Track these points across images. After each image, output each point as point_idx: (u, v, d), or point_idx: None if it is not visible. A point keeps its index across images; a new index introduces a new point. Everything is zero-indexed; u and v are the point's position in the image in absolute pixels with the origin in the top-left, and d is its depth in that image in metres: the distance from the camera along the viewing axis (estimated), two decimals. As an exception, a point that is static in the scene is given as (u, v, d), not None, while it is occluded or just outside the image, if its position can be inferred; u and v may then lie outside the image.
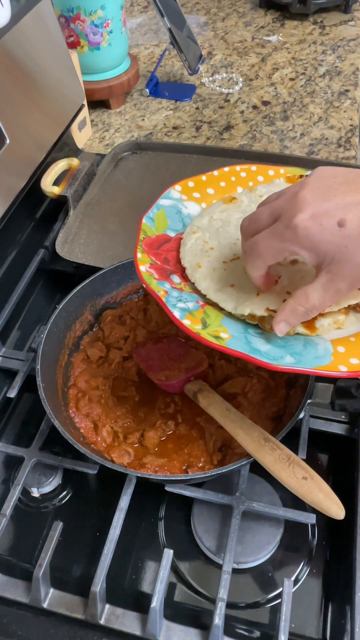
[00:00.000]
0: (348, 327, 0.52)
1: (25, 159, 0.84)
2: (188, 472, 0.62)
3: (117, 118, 1.20)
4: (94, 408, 0.67)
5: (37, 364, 0.64)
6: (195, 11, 1.56)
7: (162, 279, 0.53)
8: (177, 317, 0.49)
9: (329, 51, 1.36)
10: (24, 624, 0.56)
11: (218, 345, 0.48)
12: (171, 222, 0.59)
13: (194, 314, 0.51)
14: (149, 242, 0.56)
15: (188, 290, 0.54)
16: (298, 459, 0.55)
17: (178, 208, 0.61)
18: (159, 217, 0.59)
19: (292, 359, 0.48)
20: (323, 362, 0.47)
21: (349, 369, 0.46)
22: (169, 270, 0.55)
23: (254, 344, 0.49)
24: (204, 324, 0.50)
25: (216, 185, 0.64)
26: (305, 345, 0.50)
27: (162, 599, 0.53)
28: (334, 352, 0.49)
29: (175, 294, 0.52)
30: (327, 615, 0.57)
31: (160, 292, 0.51)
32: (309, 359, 0.48)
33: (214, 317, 0.51)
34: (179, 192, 0.62)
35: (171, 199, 0.61)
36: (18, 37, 0.79)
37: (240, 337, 0.50)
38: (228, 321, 0.52)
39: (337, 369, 0.46)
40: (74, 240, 0.87)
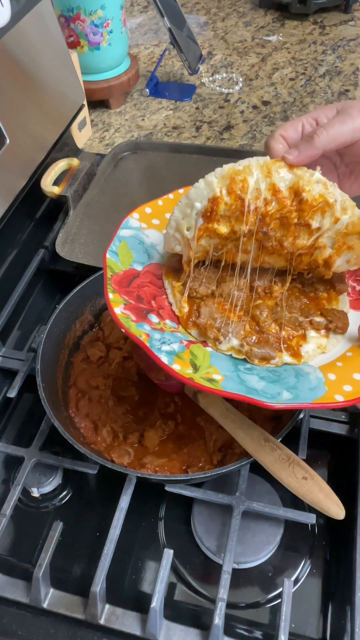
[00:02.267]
0: (330, 349, 0.53)
1: (25, 159, 0.84)
2: (188, 472, 0.62)
3: (117, 118, 1.20)
4: (94, 408, 0.67)
5: (37, 364, 0.64)
6: (195, 11, 1.56)
7: (140, 319, 0.50)
8: (166, 363, 0.47)
9: (329, 51, 1.36)
10: (24, 624, 0.56)
11: (214, 390, 0.46)
12: (136, 255, 0.57)
13: (182, 356, 0.48)
14: (117, 279, 0.53)
15: (169, 330, 0.51)
16: (298, 459, 0.55)
17: (140, 238, 0.58)
18: (122, 250, 0.56)
19: (289, 394, 0.47)
20: (319, 394, 0.47)
21: (345, 398, 0.46)
22: (144, 309, 0.52)
23: (248, 382, 0.48)
24: (194, 366, 0.48)
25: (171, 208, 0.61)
26: (297, 377, 0.49)
27: (162, 599, 0.53)
28: (326, 380, 0.48)
29: (157, 336, 0.49)
30: (327, 615, 0.57)
31: (142, 336, 0.48)
32: (304, 392, 0.47)
33: (201, 357, 0.50)
34: (138, 220, 0.59)
35: (131, 228, 0.59)
36: (18, 37, 0.79)
37: (232, 376, 0.48)
38: (216, 359, 0.50)
39: (334, 399, 0.46)
40: (74, 240, 0.87)
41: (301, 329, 0.53)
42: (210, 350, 0.51)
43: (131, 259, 0.56)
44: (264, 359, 0.51)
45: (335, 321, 0.53)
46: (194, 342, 0.52)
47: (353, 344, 0.53)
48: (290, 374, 0.50)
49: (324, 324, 0.53)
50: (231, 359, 0.51)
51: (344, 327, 0.53)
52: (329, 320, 0.53)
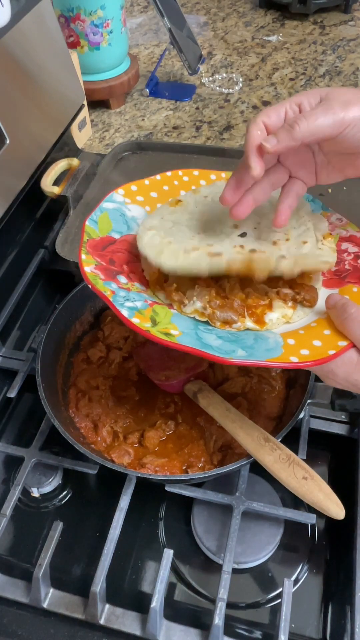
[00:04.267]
0: (296, 320, 0.53)
1: (25, 159, 0.84)
2: (188, 472, 0.62)
3: (117, 118, 1.20)
4: (94, 408, 0.67)
5: (37, 364, 0.64)
6: (195, 11, 1.56)
7: (109, 279, 0.52)
8: (126, 316, 0.49)
9: (329, 51, 1.36)
10: (24, 624, 0.56)
11: (169, 342, 0.47)
12: (115, 225, 0.59)
13: (143, 312, 0.50)
14: (93, 244, 0.55)
15: (135, 290, 0.53)
16: (298, 459, 0.55)
17: (122, 211, 0.60)
18: (102, 219, 0.58)
19: (244, 352, 0.48)
20: (274, 355, 0.47)
21: (299, 359, 0.46)
22: (114, 271, 0.54)
23: (205, 339, 0.49)
24: (154, 321, 0.50)
25: (159, 189, 0.64)
26: (255, 339, 0.50)
27: (162, 599, 0.53)
28: (284, 344, 0.49)
29: (122, 294, 0.51)
30: (327, 615, 0.57)
31: (107, 292, 0.50)
32: (260, 352, 0.48)
33: (163, 315, 0.51)
34: (122, 196, 0.61)
35: (114, 202, 0.60)
36: (18, 37, 0.79)
37: (190, 333, 0.50)
38: (177, 318, 0.51)
39: (288, 360, 0.47)
40: (74, 240, 0.87)
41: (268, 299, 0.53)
42: (174, 312, 0.52)
43: (110, 228, 0.58)
44: (225, 322, 0.51)
45: (304, 293, 0.53)
46: (160, 303, 0.53)
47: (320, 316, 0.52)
48: (250, 336, 0.51)
49: (291, 296, 0.53)
50: (193, 321, 0.52)
51: (312, 300, 0.53)
52: (297, 292, 0.53)
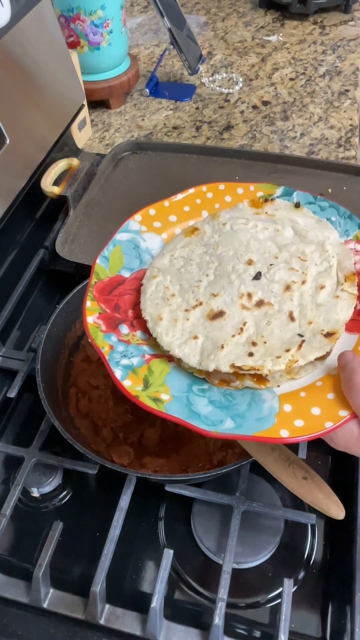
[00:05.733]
0: (302, 376, 0.48)
1: (25, 159, 0.84)
2: (188, 472, 0.62)
3: (117, 118, 1.20)
4: (94, 408, 0.67)
5: (37, 364, 0.64)
6: (195, 11, 1.56)
7: (110, 330, 0.51)
8: (118, 378, 0.47)
9: (329, 51, 1.36)
10: (24, 624, 0.56)
11: (156, 410, 0.46)
12: (127, 260, 0.57)
13: (137, 371, 0.48)
14: (100, 286, 0.54)
15: (135, 342, 0.51)
16: (298, 459, 0.55)
17: (136, 242, 0.58)
18: (114, 255, 0.56)
19: (232, 422, 0.45)
20: (264, 426, 0.44)
21: (290, 434, 0.43)
22: (118, 319, 0.52)
23: (195, 405, 0.47)
24: (146, 383, 0.48)
25: (179, 210, 0.61)
26: (249, 404, 0.47)
27: (162, 599, 0.53)
28: (279, 411, 0.46)
29: (120, 349, 0.50)
30: (327, 615, 0.57)
31: (105, 347, 0.49)
32: (250, 422, 0.45)
33: (157, 374, 0.49)
34: (139, 223, 0.59)
35: (129, 232, 0.58)
36: (18, 37, 0.79)
37: (182, 397, 0.47)
38: (173, 377, 0.49)
39: (277, 434, 0.43)
40: (74, 240, 0.87)
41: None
42: (172, 367, 0.50)
43: (121, 265, 0.56)
44: (223, 381, 0.49)
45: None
46: (159, 356, 0.51)
47: (329, 372, 0.48)
48: (245, 400, 0.47)
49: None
50: (189, 378, 0.50)
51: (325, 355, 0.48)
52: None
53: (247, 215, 0.57)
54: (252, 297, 0.51)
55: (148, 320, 0.52)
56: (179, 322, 0.51)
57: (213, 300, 0.51)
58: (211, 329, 0.50)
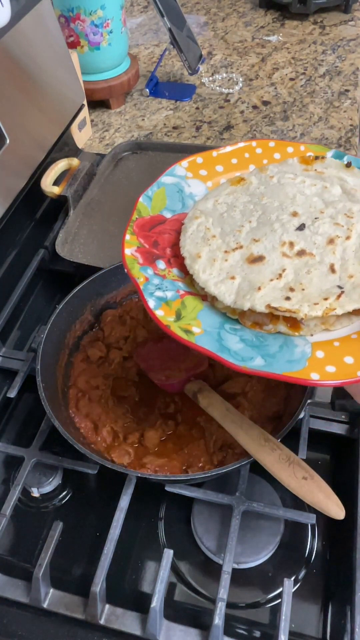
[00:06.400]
0: (337, 328, 0.48)
1: (25, 159, 0.84)
2: (188, 472, 0.62)
3: (117, 118, 1.20)
4: (94, 408, 0.67)
5: (37, 364, 0.64)
6: (195, 11, 1.56)
7: (146, 263, 0.51)
8: (151, 307, 0.47)
9: (329, 51, 1.36)
10: (24, 624, 0.56)
11: (186, 341, 0.45)
12: (170, 202, 0.56)
13: (170, 304, 0.48)
14: (141, 223, 0.54)
15: (171, 278, 0.51)
16: (298, 459, 0.55)
17: (180, 186, 0.57)
18: (157, 196, 0.56)
19: (262, 361, 0.44)
20: (295, 368, 0.43)
21: (320, 378, 0.42)
22: (155, 254, 0.52)
23: (226, 341, 0.46)
24: (178, 315, 0.47)
25: (227, 162, 0.60)
26: (281, 347, 0.46)
27: (162, 599, 0.53)
28: (311, 356, 0.45)
29: (156, 282, 0.49)
30: (327, 615, 0.57)
31: (141, 278, 0.49)
32: (280, 363, 0.44)
33: (190, 309, 0.49)
34: (185, 169, 0.58)
35: (175, 176, 0.58)
36: (18, 37, 0.79)
37: (213, 332, 0.47)
38: (206, 314, 0.49)
39: (308, 376, 0.42)
40: (74, 240, 0.87)
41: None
42: (206, 305, 0.50)
43: (163, 206, 0.56)
44: (256, 323, 0.48)
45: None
46: (194, 294, 0.51)
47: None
48: (277, 342, 0.47)
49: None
50: (222, 317, 0.49)
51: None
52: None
53: (296, 170, 0.57)
54: (294, 246, 0.50)
55: (186, 257, 0.52)
56: (217, 262, 0.51)
57: (254, 245, 0.51)
58: (249, 271, 0.49)
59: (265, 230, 0.52)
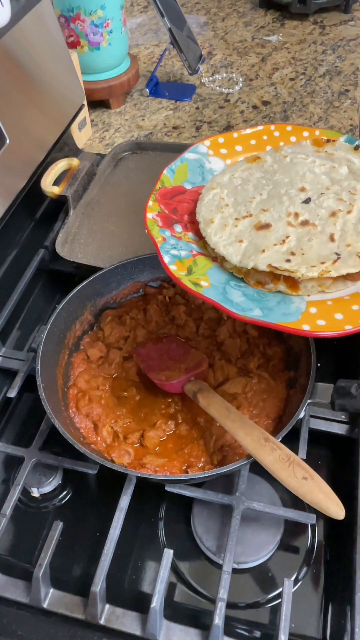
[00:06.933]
0: (333, 291, 0.52)
1: (25, 159, 0.84)
2: (188, 472, 0.62)
3: (117, 118, 1.20)
4: (94, 408, 0.67)
5: (37, 364, 0.64)
6: (195, 11, 1.56)
7: (165, 226, 0.57)
8: (166, 262, 0.53)
9: (329, 51, 1.36)
10: (24, 624, 0.56)
11: (194, 292, 0.51)
12: (191, 175, 0.62)
13: (184, 261, 0.54)
14: (163, 192, 0.60)
15: (186, 240, 0.57)
16: (298, 459, 0.55)
17: (201, 162, 0.63)
18: (180, 169, 0.62)
19: (260, 312, 0.50)
20: (289, 319, 0.49)
21: (311, 329, 0.47)
22: (174, 219, 0.58)
23: (230, 294, 0.52)
24: (189, 271, 0.53)
25: (246, 142, 0.65)
26: (279, 302, 0.51)
27: (162, 599, 0.53)
28: (305, 311, 0.50)
29: (172, 242, 0.55)
30: (327, 615, 0.57)
31: (159, 238, 0.55)
32: (276, 315, 0.49)
33: (201, 266, 0.54)
34: (207, 147, 0.64)
35: (197, 153, 0.63)
36: (18, 37, 0.79)
37: (219, 287, 0.52)
38: (214, 271, 0.54)
39: (299, 326, 0.48)
40: (74, 240, 0.87)
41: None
42: (215, 265, 0.55)
43: (185, 178, 0.62)
44: (259, 282, 0.53)
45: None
46: (205, 255, 0.56)
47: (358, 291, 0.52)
48: (276, 299, 0.52)
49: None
50: (229, 276, 0.54)
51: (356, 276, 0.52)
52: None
53: (308, 151, 0.62)
54: (299, 217, 0.55)
55: (200, 222, 0.57)
56: (227, 227, 0.56)
57: (262, 214, 0.56)
58: (256, 237, 0.54)
59: (273, 202, 0.57)
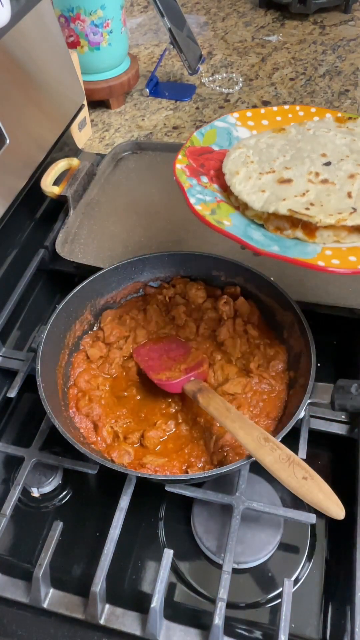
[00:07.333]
0: (347, 242, 0.55)
1: (25, 159, 0.84)
2: (188, 472, 0.62)
3: (117, 118, 1.20)
4: (94, 408, 0.67)
5: (37, 364, 0.64)
6: (195, 11, 1.56)
7: (192, 176, 0.60)
8: (192, 203, 0.56)
9: (329, 51, 1.36)
10: (24, 624, 0.56)
11: (217, 227, 0.54)
12: (219, 139, 0.66)
13: (208, 204, 0.57)
14: (192, 149, 0.63)
15: (211, 189, 0.60)
16: (298, 459, 0.55)
17: (229, 130, 0.67)
18: (209, 133, 0.66)
19: (278, 248, 0.53)
20: (305, 256, 0.52)
21: (325, 264, 0.50)
22: (201, 172, 0.62)
23: (250, 233, 0.55)
24: (213, 212, 0.56)
25: (272, 118, 0.69)
26: (296, 244, 0.55)
27: (162, 599, 0.53)
28: (320, 252, 0.53)
29: (198, 189, 0.59)
30: (327, 615, 0.57)
31: (187, 184, 0.58)
32: (293, 252, 0.53)
33: (224, 210, 0.57)
34: (235, 119, 0.68)
35: (226, 122, 0.67)
36: (18, 37, 0.79)
37: (240, 226, 0.56)
38: (236, 216, 0.57)
39: (315, 262, 0.51)
40: (74, 240, 0.87)
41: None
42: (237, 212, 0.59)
43: (213, 141, 0.66)
44: (278, 228, 0.56)
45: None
46: (228, 203, 0.59)
47: None
48: (293, 242, 0.55)
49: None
50: (250, 221, 0.58)
51: None
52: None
53: (330, 126, 0.65)
54: (319, 175, 0.58)
55: (226, 173, 0.60)
56: (252, 179, 0.59)
57: (284, 171, 0.59)
58: (277, 189, 0.58)
59: (296, 163, 0.61)
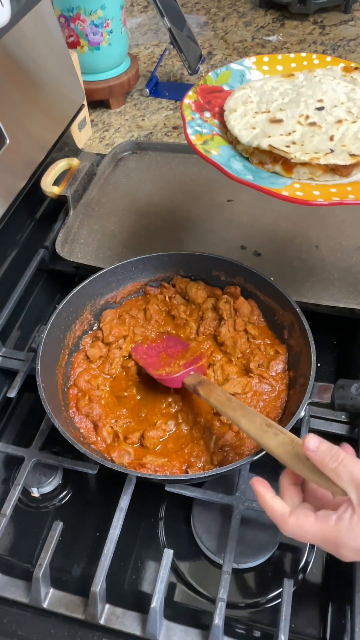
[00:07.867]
0: (321, 181, 0.59)
1: (25, 159, 0.84)
2: (188, 472, 0.62)
3: (117, 118, 1.20)
4: (94, 408, 0.67)
5: (37, 364, 0.64)
6: (195, 11, 1.56)
7: (196, 111, 0.66)
8: (188, 133, 0.61)
9: (329, 51, 1.36)
10: (24, 624, 0.56)
11: (203, 155, 0.59)
12: (231, 80, 0.70)
13: (203, 136, 0.63)
14: (204, 87, 0.68)
15: (211, 124, 0.65)
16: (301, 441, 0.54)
17: (243, 73, 0.71)
18: (223, 74, 0.70)
19: (252, 177, 0.58)
20: (273, 187, 0.56)
21: (289, 194, 0.55)
22: (205, 107, 0.67)
23: (232, 163, 0.61)
24: (205, 142, 0.62)
25: (287, 64, 0.73)
26: (270, 176, 0.60)
27: (162, 599, 0.53)
28: (289, 185, 0.58)
29: (198, 122, 0.64)
30: (327, 615, 0.57)
31: (188, 117, 0.64)
32: (264, 182, 0.58)
33: (216, 142, 0.63)
34: (252, 62, 0.72)
35: (242, 65, 0.72)
36: (18, 37, 0.79)
37: (226, 157, 0.61)
38: (225, 148, 0.63)
39: (280, 192, 0.55)
40: (74, 240, 0.87)
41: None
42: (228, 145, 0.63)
43: (225, 81, 0.70)
44: (260, 162, 0.61)
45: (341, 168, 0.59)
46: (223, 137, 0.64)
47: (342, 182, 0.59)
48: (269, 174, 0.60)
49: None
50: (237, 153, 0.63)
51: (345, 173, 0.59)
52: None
53: (336, 75, 0.69)
54: (309, 118, 0.63)
55: (225, 110, 0.65)
56: (246, 117, 0.64)
57: (278, 112, 0.64)
58: (268, 127, 0.63)
59: (291, 105, 0.65)
